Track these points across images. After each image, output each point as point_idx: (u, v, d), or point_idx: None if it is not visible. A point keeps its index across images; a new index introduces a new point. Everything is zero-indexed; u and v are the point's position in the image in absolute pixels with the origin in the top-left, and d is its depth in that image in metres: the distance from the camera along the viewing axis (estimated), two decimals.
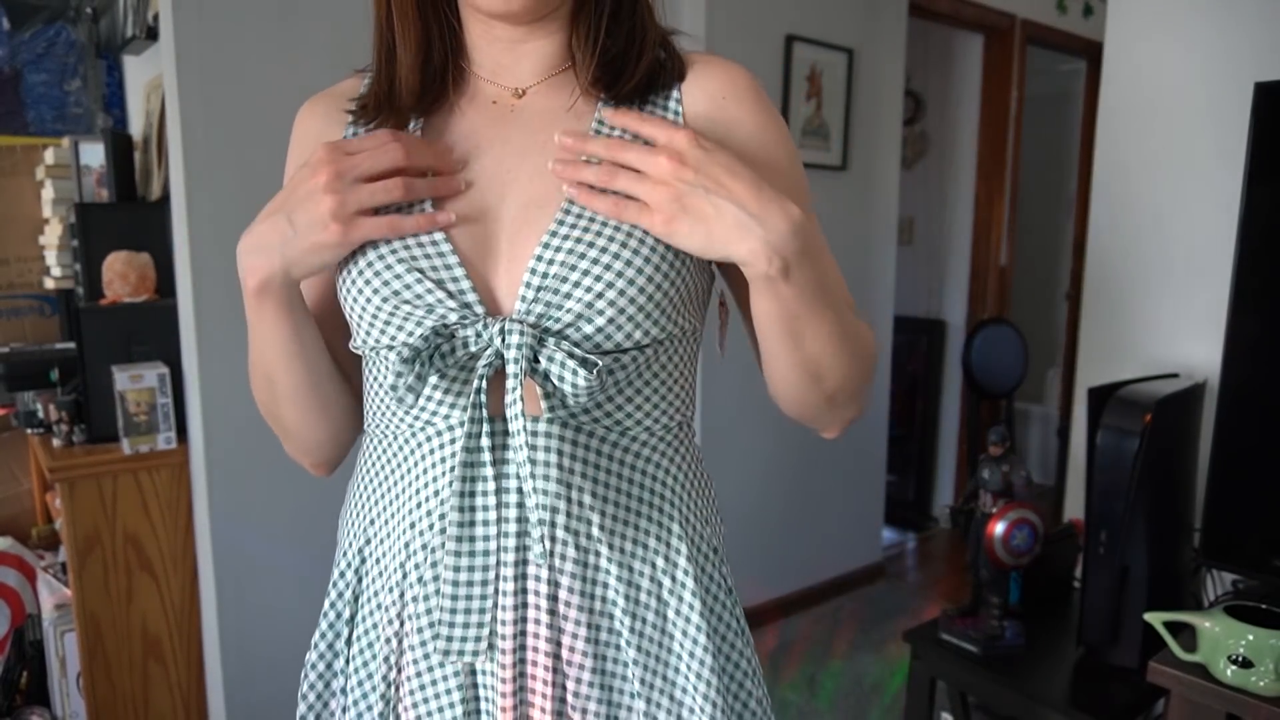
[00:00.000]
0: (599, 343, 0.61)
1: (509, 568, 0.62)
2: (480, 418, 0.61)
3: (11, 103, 2.51)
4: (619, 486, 0.65)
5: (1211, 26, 1.60)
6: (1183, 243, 1.67)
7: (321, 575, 2.05)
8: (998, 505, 1.46)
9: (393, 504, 0.67)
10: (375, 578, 0.69)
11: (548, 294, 0.61)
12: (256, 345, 0.69)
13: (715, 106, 0.67)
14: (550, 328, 0.60)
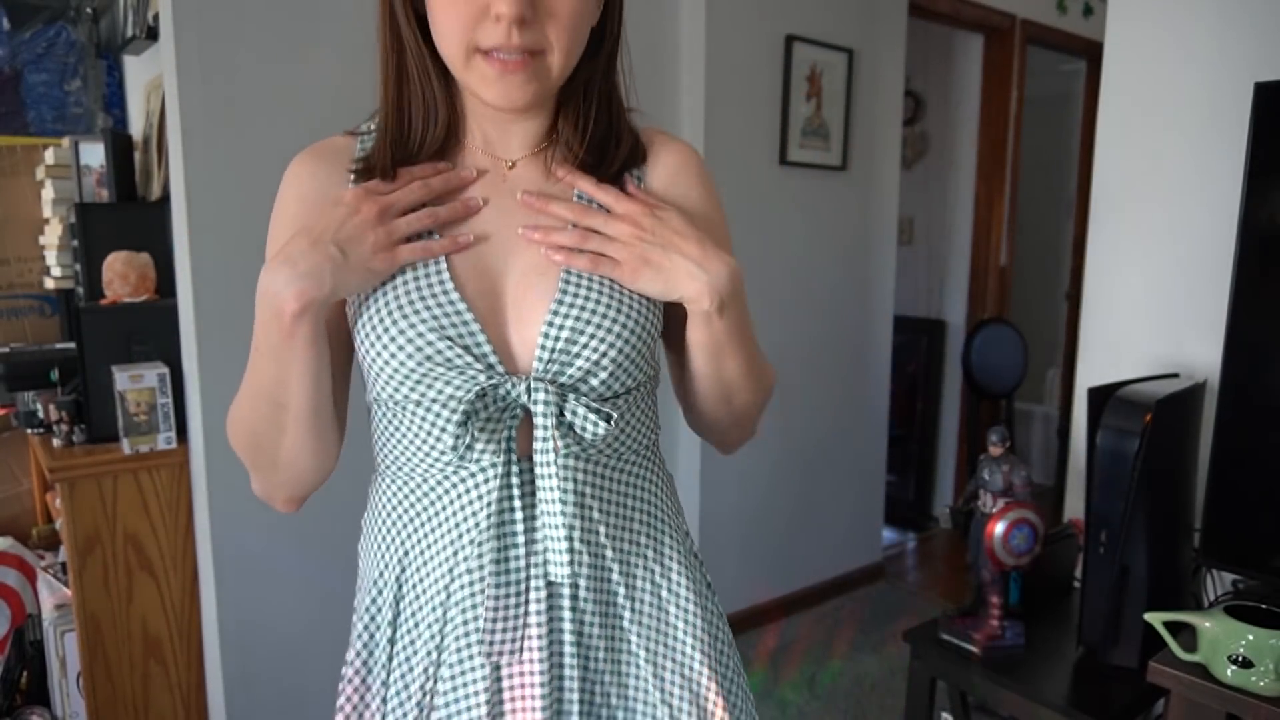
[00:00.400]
0: (602, 392, 0.73)
1: (540, 580, 0.73)
2: (511, 460, 0.72)
3: (12, 103, 2.51)
4: (618, 500, 0.78)
5: (1211, 26, 1.60)
6: (1183, 243, 1.67)
7: (321, 575, 2.07)
8: (998, 505, 1.46)
9: (430, 534, 0.76)
10: (414, 599, 0.77)
11: (561, 355, 0.71)
12: (272, 371, 0.72)
13: (671, 181, 0.81)
14: (564, 382, 0.72)
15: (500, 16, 0.66)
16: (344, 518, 2.03)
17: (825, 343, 2.88)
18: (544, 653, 0.73)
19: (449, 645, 0.75)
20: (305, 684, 1.97)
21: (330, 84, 1.86)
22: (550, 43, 0.69)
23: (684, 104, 2.47)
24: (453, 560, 0.75)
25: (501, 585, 0.72)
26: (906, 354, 3.90)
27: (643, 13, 2.36)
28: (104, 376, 1.85)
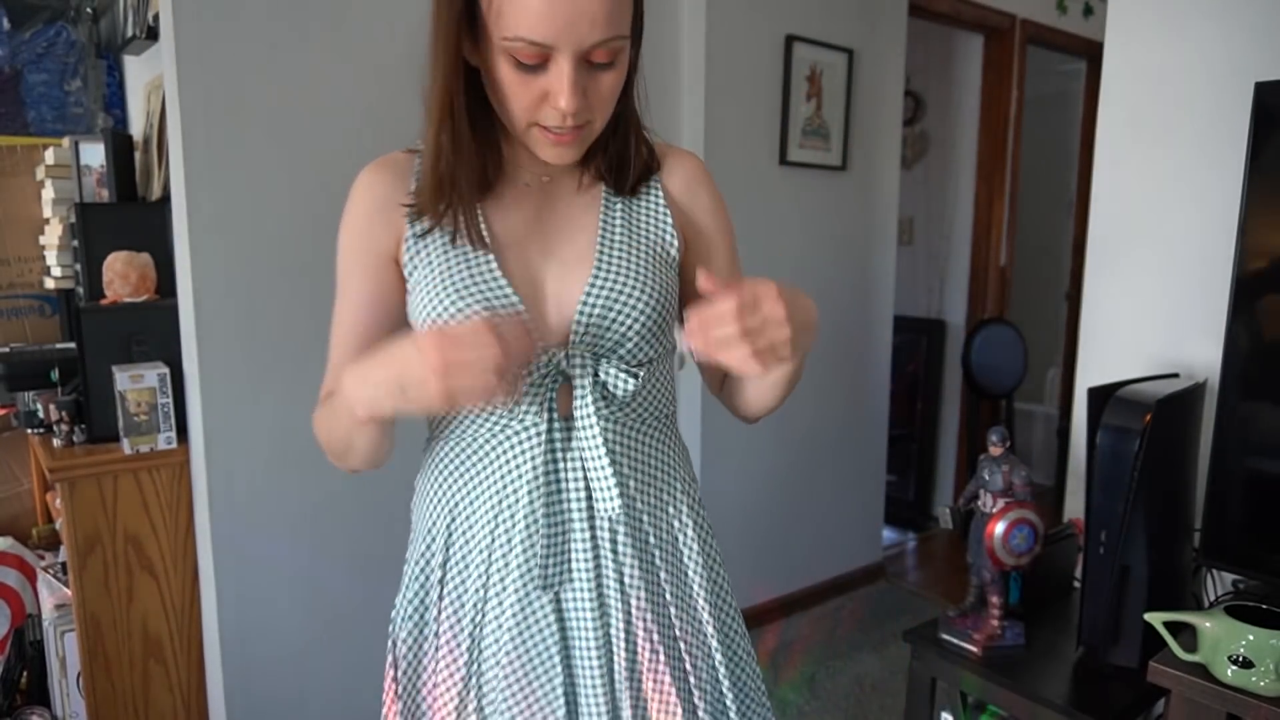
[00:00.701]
0: (631, 358, 0.86)
1: (584, 521, 0.86)
2: (552, 418, 0.85)
3: (12, 103, 2.51)
4: (643, 457, 0.90)
5: (1211, 26, 1.60)
6: (1183, 243, 1.67)
7: (321, 575, 2.07)
8: (998, 505, 1.46)
9: (478, 488, 0.88)
10: (463, 545, 0.89)
11: (595, 326, 0.84)
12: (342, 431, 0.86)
13: (685, 186, 0.94)
14: (598, 350, 0.84)
15: (560, 110, 0.78)
16: (344, 518, 2.04)
17: (825, 343, 2.88)
18: (593, 584, 0.86)
19: (510, 583, 0.86)
20: (305, 683, 1.97)
21: (331, 83, 1.86)
22: (594, 116, 0.82)
23: (684, 104, 2.47)
24: (498, 509, 0.86)
25: (553, 525, 0.85)
26: (906, 354, 3.90)
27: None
28: (104, 376, 1.85)
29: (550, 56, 0.76)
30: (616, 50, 0.78)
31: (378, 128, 1.93)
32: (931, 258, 3.96)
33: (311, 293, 1.89)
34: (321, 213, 1.88)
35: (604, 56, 0.78)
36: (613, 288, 0.85)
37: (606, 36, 0.75)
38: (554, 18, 0.73)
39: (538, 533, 0.85)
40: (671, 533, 0.92)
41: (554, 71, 0.76)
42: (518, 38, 0.74)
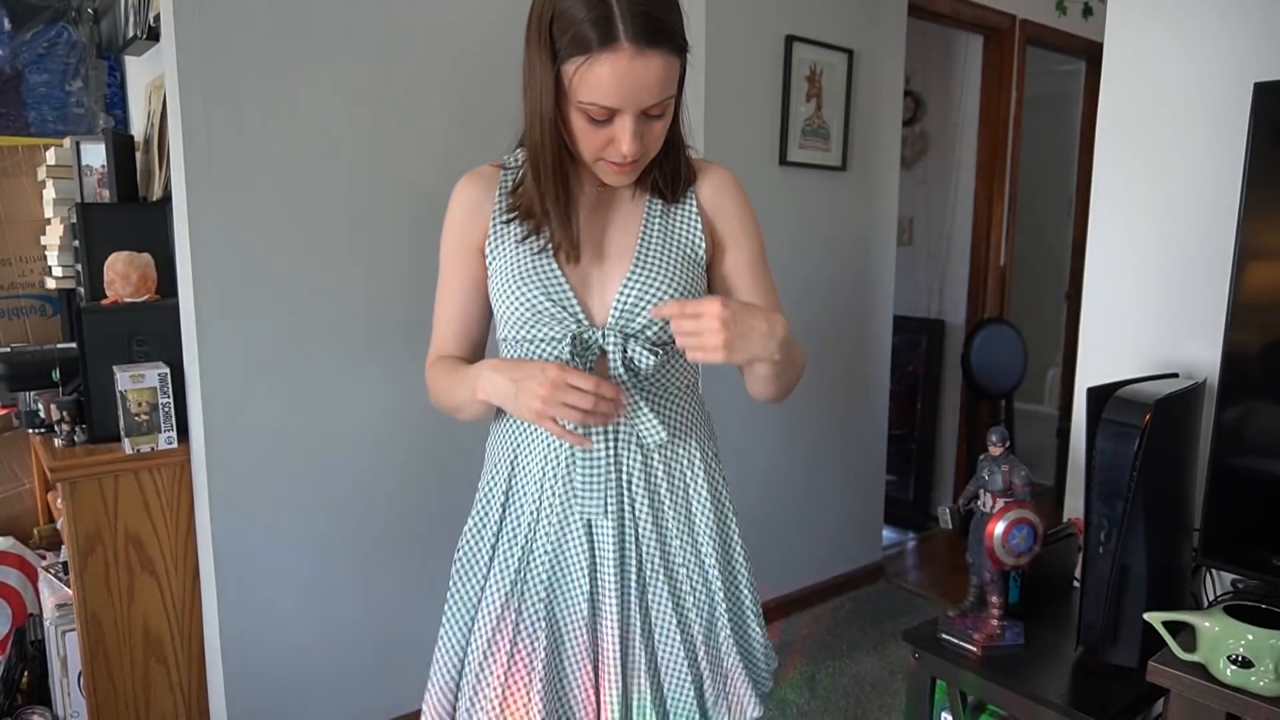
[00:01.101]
0: (654, 339, 1.07)
1: (612, 463, 1.08)
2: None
3: (13, 103, 2.51)
4: (663, 419, 1.10)
5: (1211, 26, 1.60)
6: (1183, 243, 1.67)
7: (322, 574, 2.07)
8: (998, 505, 1.46)
9: (534, 435, 1.11)
10: (522, 478, 1.12)
11: (627, 313, 1.06)
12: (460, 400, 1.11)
13: (714, 194, 1.15)
14: (629, 332, 1.06)
15: (622, 153, 0.99)
16: (344, 518, 2.04)
17: (825, 343, 2.88)
18: (617, 517, 1.08)
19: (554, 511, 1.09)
20: (306, 683, 1.97)
21: (331, 84, 1.86)
22: (648, 151, 1.02)
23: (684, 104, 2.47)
24: (546, 453, 1.09)
25: (591, 466, 1.07)
26: (906, 354, 3.90)
27: None
28: (105, 376, 1.86)
29: (615, 114, 0.96)
30: (667, 106, 0.99)
31: (378, 126, 1.93)
32: (931, 258, 3.96)
33: (312, 292, 1.89)
34: (322, 212, 1.89)
35: (657, 111, 0.98)
36: (645, 283, 1.06)
37: (660, 99, 0.97)
38: (620, 89, 0.94)
39: (576, 472, 1.08)
40: (684, 481, 1.13)
41: (618, 124, 0.97)
42: (592, 103, 0.95)
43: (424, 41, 1.97)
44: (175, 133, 1.72)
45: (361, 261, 1.93)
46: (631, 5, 0.91)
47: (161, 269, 2.05)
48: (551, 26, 0.95)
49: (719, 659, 1.16)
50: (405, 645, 2.11)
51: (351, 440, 1.97)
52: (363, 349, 1.96)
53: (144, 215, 2.12)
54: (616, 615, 1.09)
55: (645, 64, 0.93)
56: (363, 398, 1.97)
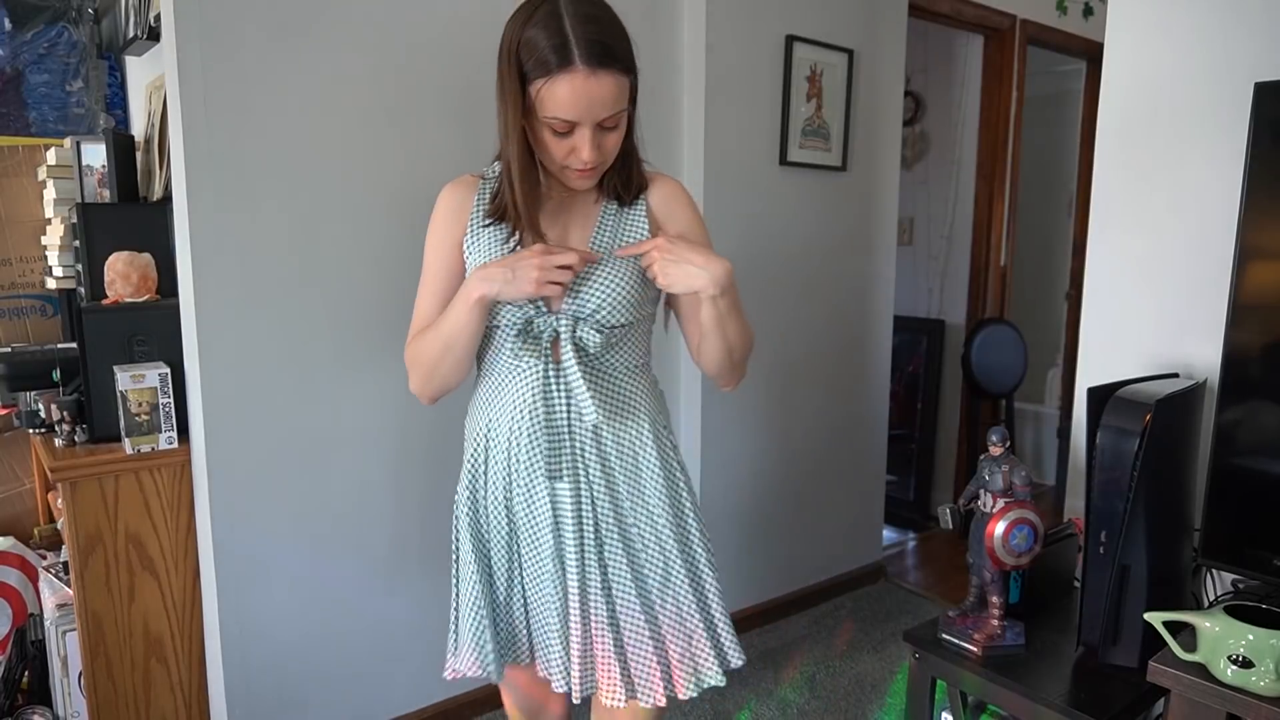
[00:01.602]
0: (601, 323, 1.22)
1: (567, 433, 1.23)
2: (548, 361, 1.22)
3: (13, 103, 2.51)
4: (613, 393, 1.26)
5: (1211, 26, 1.61)
6: (1183, 243, 1.67)
7: (322, 574, 2.07)
8: (998, 505, 1.46)
9: (503, 406, 1.26)
10: (496, 444, 1.27)
11: (577, 300, 1.21)
12: (451, 329, 1.21)
13: (664, 202, 1.31)
14: (579, 316, 1.21)
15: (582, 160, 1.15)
16: (344, 518, 2.04)
17: (825, 343, 2.88)
18: (573, 480, 1.23)
19: (520, 474, 1.25)
20: (307, 683, 1.97)
21: (331, 84, 1.86)
22: (605, 159, 1.20)
23: (684, 104, 2.47)
24: (513, 423, 1.24)
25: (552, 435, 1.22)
26: (906, 354, 3.90)
27: (643, 13, 2.36)
28: (106, 376, 1.86)
29: (575, 126, 1.13)
30: (619, 117, 1.17)
31: (377, 127, 1.93)
32: (931, 258, 3.96)
33: (312, 292, 1.89)
34: (322, 212, 1.89)
35: (611, 123, 1.16)
36: (595, 277, 1.21)
37: (612, 113, 1.14)
38: (577, 104, 1.11)
39: (537, 441, 1.23)
40: (633, 451, 1.26)
41: (578, 135, 1.14)
42: (554, 117, 1.12)
43: (424, 42, 1.97)
44: (175, 133, 1.72)
45: (362, 261, 1.94)
46: (585, 33, 1.10)
47: (161, 269, 2.05)
48: (519, 53, 1.12)
49: (680, 619, 1.27)
50: (405, 645, 2.11)
51: (352, 440, 1.97)
52: (363, 349, 1.96)
53: (144, 215, 2.12)
54: (576, 571, 1.23)
55: (598, 82, 1.11)
56: (363, 397, 1.97)
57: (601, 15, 1.14)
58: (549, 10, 1.11)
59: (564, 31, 1.09)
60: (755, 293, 2.63)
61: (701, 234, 1.32)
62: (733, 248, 2.55)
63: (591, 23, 1.11)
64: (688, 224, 1.30)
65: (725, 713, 2.31)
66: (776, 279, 2.69)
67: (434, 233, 1.30)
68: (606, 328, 1.22)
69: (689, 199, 1.34)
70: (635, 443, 1.26)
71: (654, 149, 2.46)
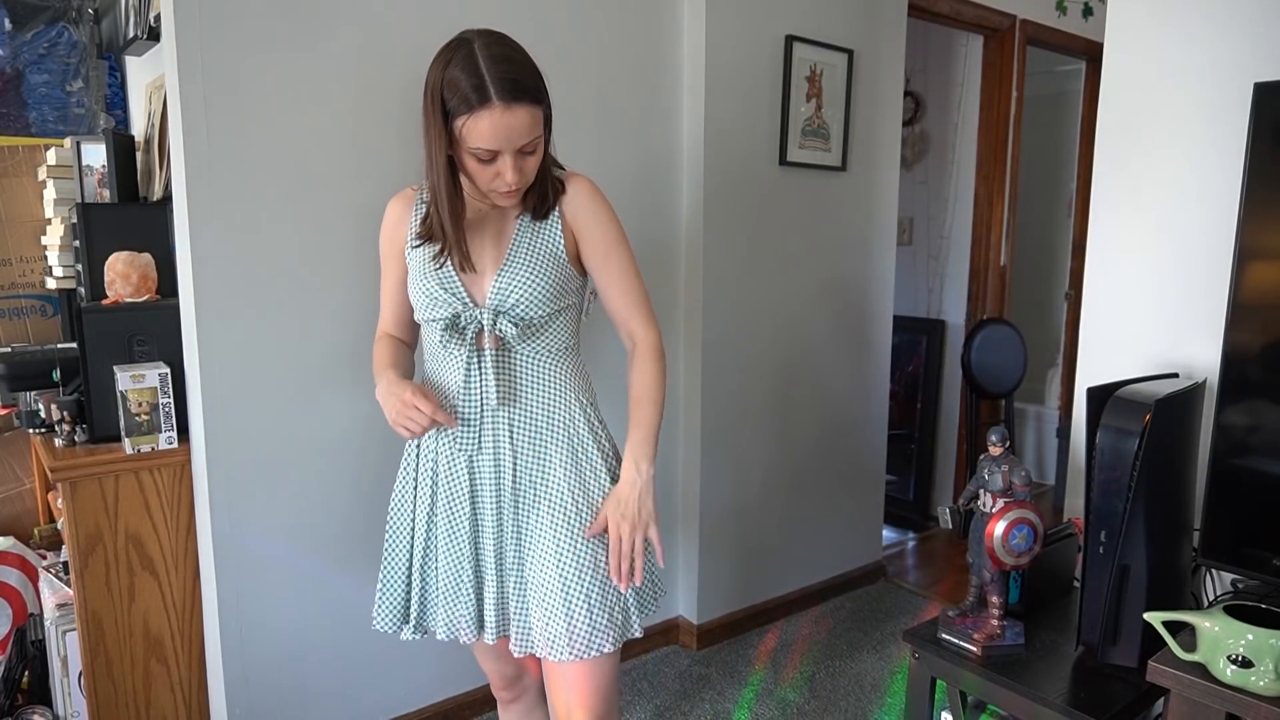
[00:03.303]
0: (521, 316, 1.35)
1: (487, 413, 1.37)
2: (474, 350, 1.36)
3: (13, 103, 2.51)
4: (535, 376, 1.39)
5: (1211, 26, 1.61)
6: (1183, 243, 1.67)
7: (322, 574, 2.07)
8: (998, 505, 1.46)
9: (437, 391, 1.41)
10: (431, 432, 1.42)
11: (498, 297, 1.35)
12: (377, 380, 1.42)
13: (573, 205, 1.40)
14: (500, 310, 1.35)
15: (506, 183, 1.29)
16: (344, 517, 2.04)
17: (825, 342, 2.88)
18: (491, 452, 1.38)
19: (446, 449, 1.40)
20: (306, 683, 1.97)
21: (330, 84, 1.86)
22: (527, 180, 1.32)
23: (684, 104, 2.47)
24: (443, 402, 1.38)
25: (468, 414, 1.37)
26: (906, 354, 3.90)
27: (643, 14, 2.36)
28: (106, 376, 1.86)
29: (497, 154, 1.26)
30: (536, 144, 1.29)
31: (377, 127, 1.93)
32: (931, 258, 3.96)
33: (312, 292, 1.89)
34: (322, 212, 1.89)
35: (529, 149, 1.29)
36: (511, 275, 1.35)
37: (528, 140, 1.27)
38: (496, 136, 1.24)
39: (459, 419, 1.37)
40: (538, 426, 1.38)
41: (501, 162, 1.27)
42: (478, 148, 1.25)
43: (424, 42, 1.97)
44: (175, 133, 1.72)
45: (362, 261, 1.93)
46: (499, 73, 1.23)
47: (161, 269, 2.05)
48: (442, 92, 1.26)
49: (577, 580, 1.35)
50: (405, 645, 2.11)
51: (352, 440, 1.97)
52: (363, 349, 1.96)
53: (144, 215, 2.12)
54: (492, 535, 1.38)
55: (513, 115, 1.24)
56: (363, 397, 1.97)
57: (513, 55, 1.27)
58: (466, 54, 1.25)
59: (480, 73, 1.23)
60: (755, 293, 2.63)
61: (610, 229, 1.42)
62: (732, 247, 2.55)
63: (504, 63, 1.24)
64: (591, 216, 1.40)
65: (725, 712, 2.31)
66: (776, 279, 2.69)
67: (383, 242, 1.47)
68: (523, 321, 1.35)
69: (594, 195, 1.42)
70: (541, 423, 1.38)
71: (654, 149, 2.47)
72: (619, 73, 2.31)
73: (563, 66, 2.19)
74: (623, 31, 2.32)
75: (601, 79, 2.28)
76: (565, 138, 1.46)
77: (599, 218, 1.41)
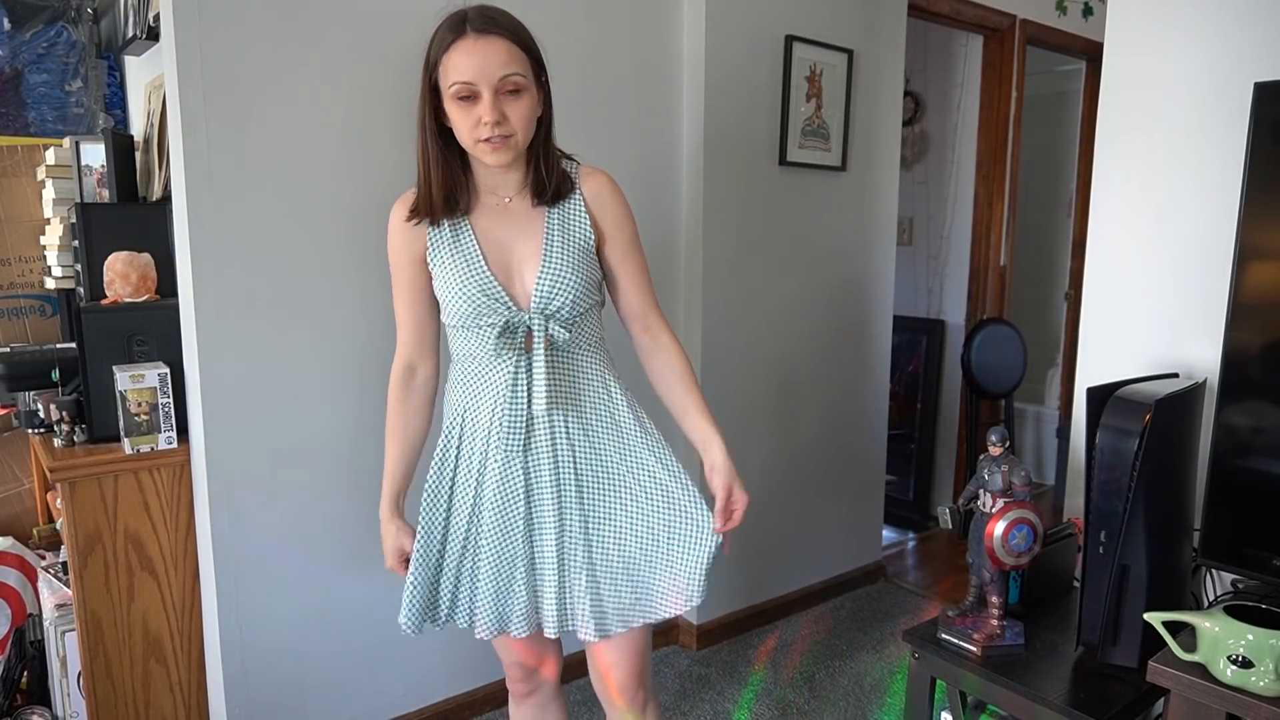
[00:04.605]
0: (566, 317, 1.36)
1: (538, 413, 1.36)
2: (520, 354, 1.36)
3: (12, 103, 2.51)
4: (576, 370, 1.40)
5: (1211, 26, 1.61)
6: (1183, 243, 1.67)
7: (322, 574, 2.07)
8: (998, 505, 1.46)
9: (479, 393, 1.39)
10: (472, 427, 1.40)
11: (544, 300, 1.35)
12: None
13: (596, 201, 1.42)
14: (547, 313, 1.35)
15: (485, 124, 1.26)
16: (343, 518, 2.04)
17: (825, 343, 2.88)
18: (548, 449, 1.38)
19: (497, 450, 1.37)
20: (306, 683, 1.97)
21: (330, 84, 1.86)
22: (513, 130, 1.29)
23: (684, 104, 2.47)
24: (493, 406, 1.37)
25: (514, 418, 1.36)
26: (906, 354, 3.90)
27: (643, 13, 2.36)
28: (105, 376, 1.86)
29: (478, 93, 1.26)
30: (519, 84, 1.28)
31: (376, 128, 1.93)
32: (931, 258, 3.96)
33: (312, 292, 1.89)
34: (322, 212, 1.89)
35: (510, 87, 1.27)
36: (554, 276, 1.35)
37: (506, 73, 1.26)
38: (471, 64, 1.25)
39: (507, 419, 1.36)
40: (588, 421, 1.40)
41: (481, 101, 1.26)
42: (455, 82, 1.26)
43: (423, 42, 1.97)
44: (175, 133, 1.72)
45: (361, 261, 1.93)
46: (477, 12, 1.27)
47: (161, 269, 2.05)
48: (430, 47, 1.30)
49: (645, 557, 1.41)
50: (405, 645, 2.11)
51: (351, 439, 1.97)
52: (363, 349, 1.96)
53: (144, 215, 2.12)
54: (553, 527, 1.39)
55: (488, 43, 1.25)
56: (362, 397, 1.97)
57: (497, 11, 1.30)
58: (453, 11, 1.30)
59: (461, 15, 1.28)
60: (755, 293, 2.63)
61: (630, 227, 1.45)
62: (732, 247, 2.55)
63: (485, 8, 1.29)
64: (615, 213, 1.43)
65: (725, 712, 2.31)
66: (776, 279, 2.69)
67: (394, 250, 1.42)
68: (569, 322, 1.37)
69: (616, 191, 1.45)
70: (602, 405, 1.41)
71: (654, 148, 2.47)
72: (619, 73, 2.31)
73: (563, 66, 2.18)
74: (623, 31, 2.31)
75: (602, 79, 2.28)
76: (566, 137, 1.45)
77: (623, 214, 1.44)
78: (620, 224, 1.43)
